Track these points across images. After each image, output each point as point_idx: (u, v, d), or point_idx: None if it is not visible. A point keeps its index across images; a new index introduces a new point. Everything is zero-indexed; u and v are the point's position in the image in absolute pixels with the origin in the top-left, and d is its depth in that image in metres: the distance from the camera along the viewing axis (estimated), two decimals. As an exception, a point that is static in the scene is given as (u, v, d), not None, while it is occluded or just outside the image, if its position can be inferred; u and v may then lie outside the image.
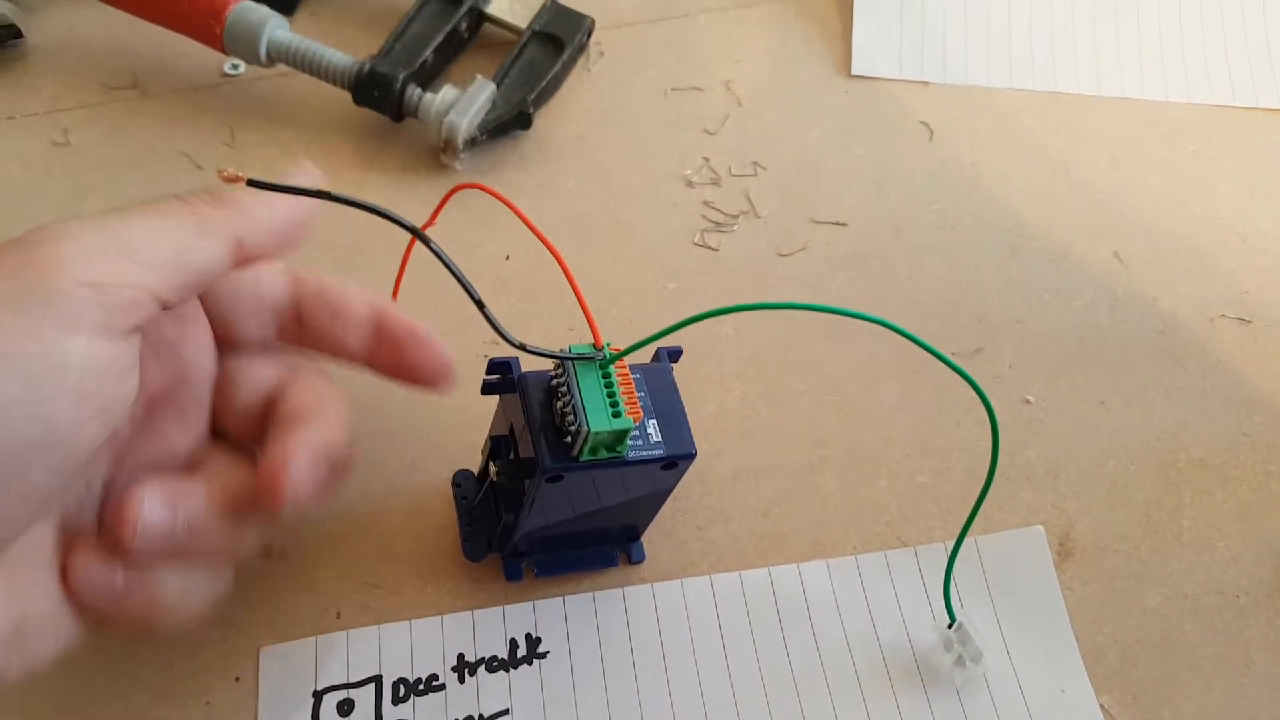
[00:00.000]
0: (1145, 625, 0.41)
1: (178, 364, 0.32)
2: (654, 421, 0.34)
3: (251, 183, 0.28)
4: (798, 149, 0.53)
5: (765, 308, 0.31)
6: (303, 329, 0.35)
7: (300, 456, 0.30)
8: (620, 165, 0.52)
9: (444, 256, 0.29)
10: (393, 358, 0.35)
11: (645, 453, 0.33)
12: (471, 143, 0.50)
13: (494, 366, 0.34)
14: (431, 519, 0.42)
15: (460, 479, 0.40)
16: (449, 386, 0.35)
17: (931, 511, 0.43)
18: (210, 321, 0.33)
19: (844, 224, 0.51)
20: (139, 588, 0.30)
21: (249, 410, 0.33)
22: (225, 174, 0.28)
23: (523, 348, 0.31)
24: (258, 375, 0.34)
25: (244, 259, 0.30)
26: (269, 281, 0.34)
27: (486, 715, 0.37)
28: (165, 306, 0.28)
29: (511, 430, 0.35)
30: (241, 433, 0.34)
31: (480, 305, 0.30)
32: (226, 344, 0.34)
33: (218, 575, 0.33)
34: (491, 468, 0.36)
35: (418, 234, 0.28)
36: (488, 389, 0.35)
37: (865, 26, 0.57)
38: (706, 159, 0.52)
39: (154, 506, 0.29)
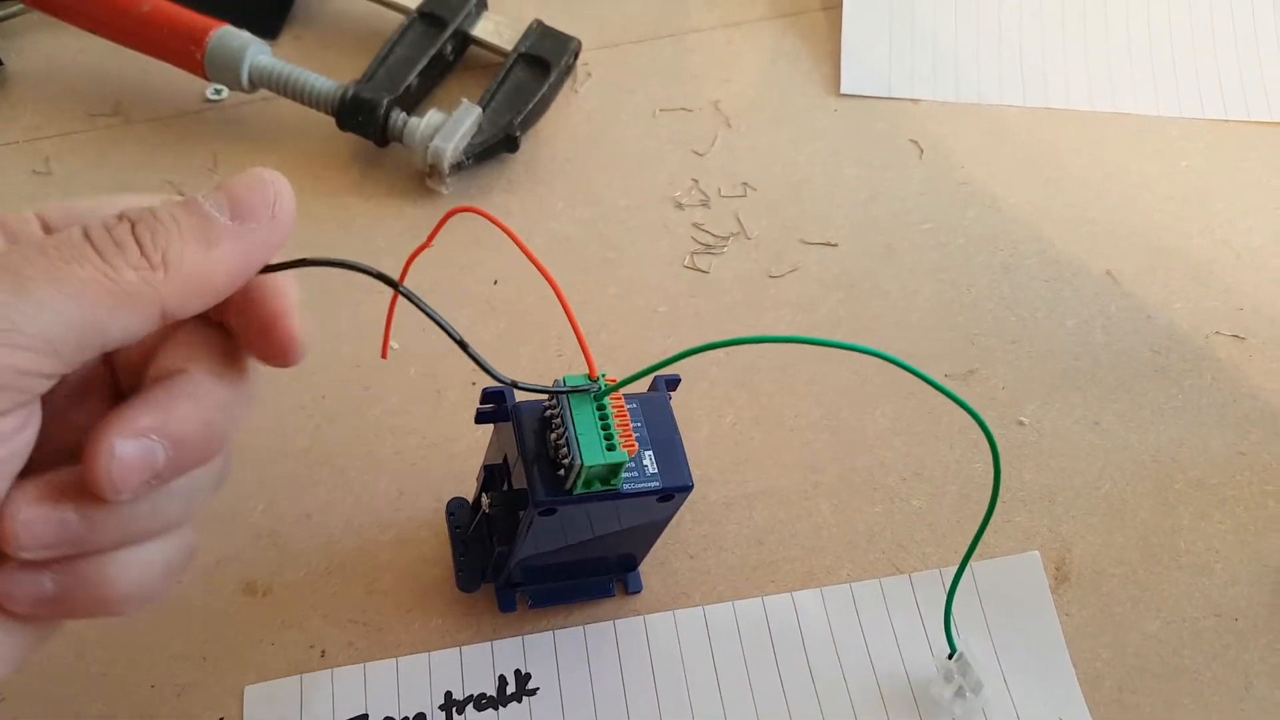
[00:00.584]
0: (1143, 650, 0.40)
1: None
2: (650, 453, 0.33)
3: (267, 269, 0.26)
4: (787, 169, 0.53)
5: (758, 341, 0.31)
6: None
7: (126, 443, 0.24)
8: (609, 187, 0.52)
9: (423, 305, 0.28)
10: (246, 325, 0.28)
11: (641, 485, 0.32)
12: (458, 167, 0.49)
13: (488, 396, 0.33)
14: (418, 551, 0.41)
15: (454, 507, 0.40)
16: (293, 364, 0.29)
17: (927, 537, 0.43)
18: None
19: (835, 244, 0.50)
20: (79, 581, 0.25)
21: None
22: None
23: (515, 385, 0.30)
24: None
25: (168, 322, 0.24)
26: None
27: (476, 754, 0.37)
28: (62, 375, 0.23)
29: (505, 460, 0.35)
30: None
31: (463, 346, 0.29)
32: None
33: (180, 539, 0.28)
34: (484, 500, 0.35)
35: (395, 286, 0.28)
36: (482, 418, 0.34)
37: (854, 45, 0.57)
38: (696, 180, 0.52)
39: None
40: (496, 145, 0.50)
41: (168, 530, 0.27)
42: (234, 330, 0.28)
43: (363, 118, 0.49)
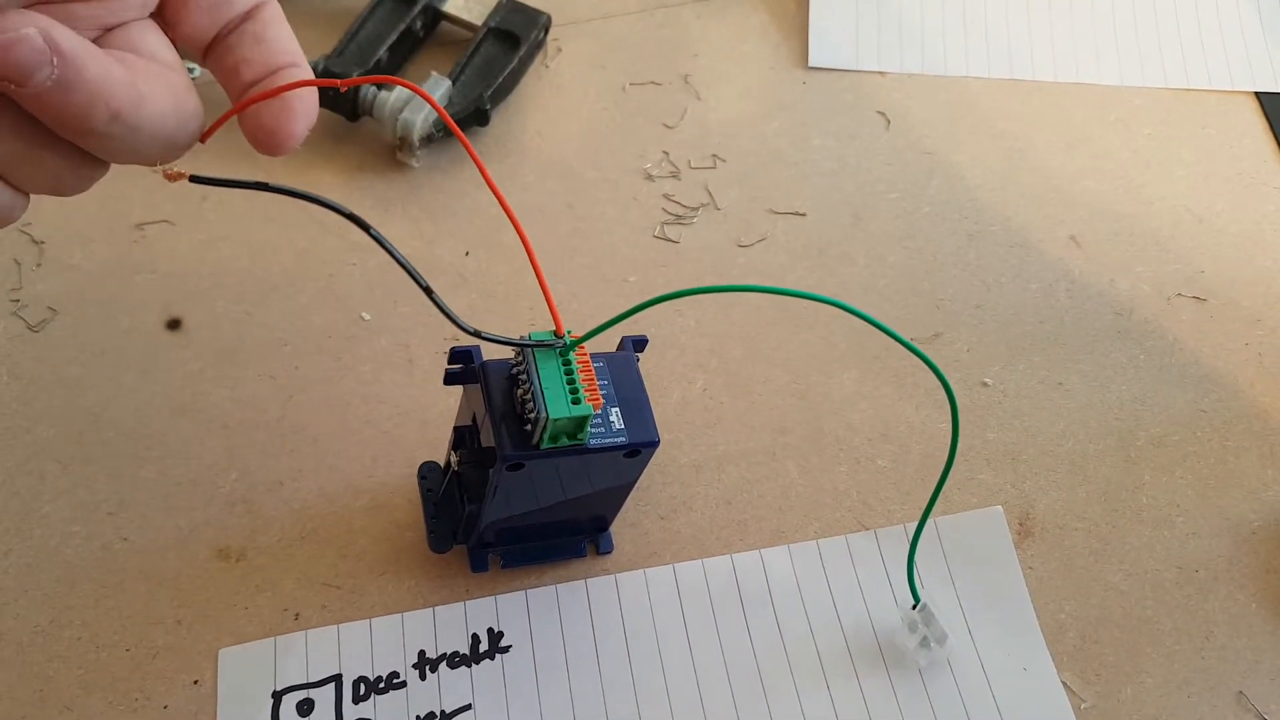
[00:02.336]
0: (1106, 602, 0.41)
1: None
2: (616, 409, 0.34)
3: (194, 179, 0.28)
4: (756, 141, 0.53)
5: (725, 290, 0.31)
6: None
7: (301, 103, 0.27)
8: (579, 160, 0.52)
9: (385, 242, 0.28)
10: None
11: (607, 440, 0.33)
12: (428, 140, 0.50)
13: (456, 355, 0.34)
14: (391, 516, 0.41)
15: (426, 470, 0.40)
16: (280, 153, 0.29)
17: (891, 495, 0.43)
18: None
19: (803, 214, 0.51)
20: None
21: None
22: (168, 172, 0.28)
23: (478, 334, 0.31)
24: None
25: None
26: None
27: (448, 711, 0.37)
28: None
29: (474, 420, 0.35)
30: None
31: (429, 292, 0.29)
32: None
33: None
34: (453, 457, 0.36)
35: (356, 220, 0.28)
36: (450, 379, 0.35)
37: (822, 18, 0.57)
38: (666, 153, 0.52)
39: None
40: (467, 119, 0.51)
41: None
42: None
43: (332, 92, 0.49)
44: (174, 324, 0.45)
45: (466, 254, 0.49)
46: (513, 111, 0.53)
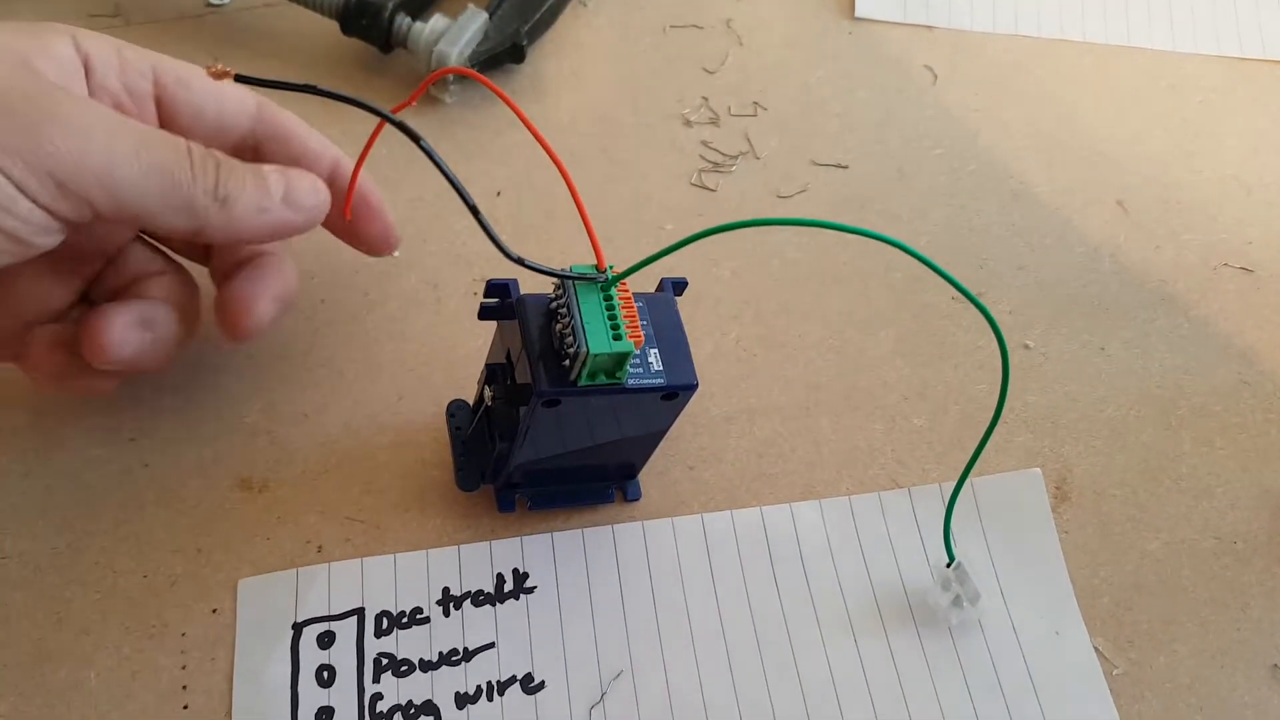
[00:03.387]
0: (1141, 569, 0.40)
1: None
2: (655, 350, 0.33)
3: (239, 78, 0.27)
4: (799, 90, 0.52)
5: (777, 223, 0.30)
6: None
7: (263, 302, 0.36)
8: (616, 103, 0.51)
9: (434, 155, 0.28)
10: (341, 219, 0.37)
11: (645, 381, 0.32)
12: (463, 75, 0.48)
13: (492, 288, 0.33)
14: (417, 454, 0.41)
15: (455, 409, 0.40)
16: (390, 252, 0.40)
17: (926, 455, 0.42)
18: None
19: (845, 166, 0.50)
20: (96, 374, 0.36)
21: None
22: (213, 69, 0.27)
23: (521, 262, 0.30)
24: None
25: (196, 239, 0.34)
26: (234, 108, 0.35)
27: (471, 648, 0.36)
28: (96, 220, 0.30)
29: (508, 356, 0.34)
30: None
31: (475, 212, 0.29)
32: None
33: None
34: (487, 392, 0.35)
35: (407, 130, 0.27)
36: (485, 313, 0.34)
37: (869, -32, 0.56)
38: (705, 99, 0.51)
39: (127, 329, 0.34)
40: (502, 55, 0.49)
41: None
42: (336, 229, 0.39)
43: (367, 21, 0.48)
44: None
45: (499, 194, 0.48)
46: (549, 50, 0.52)
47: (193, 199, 0.30)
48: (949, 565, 0.38)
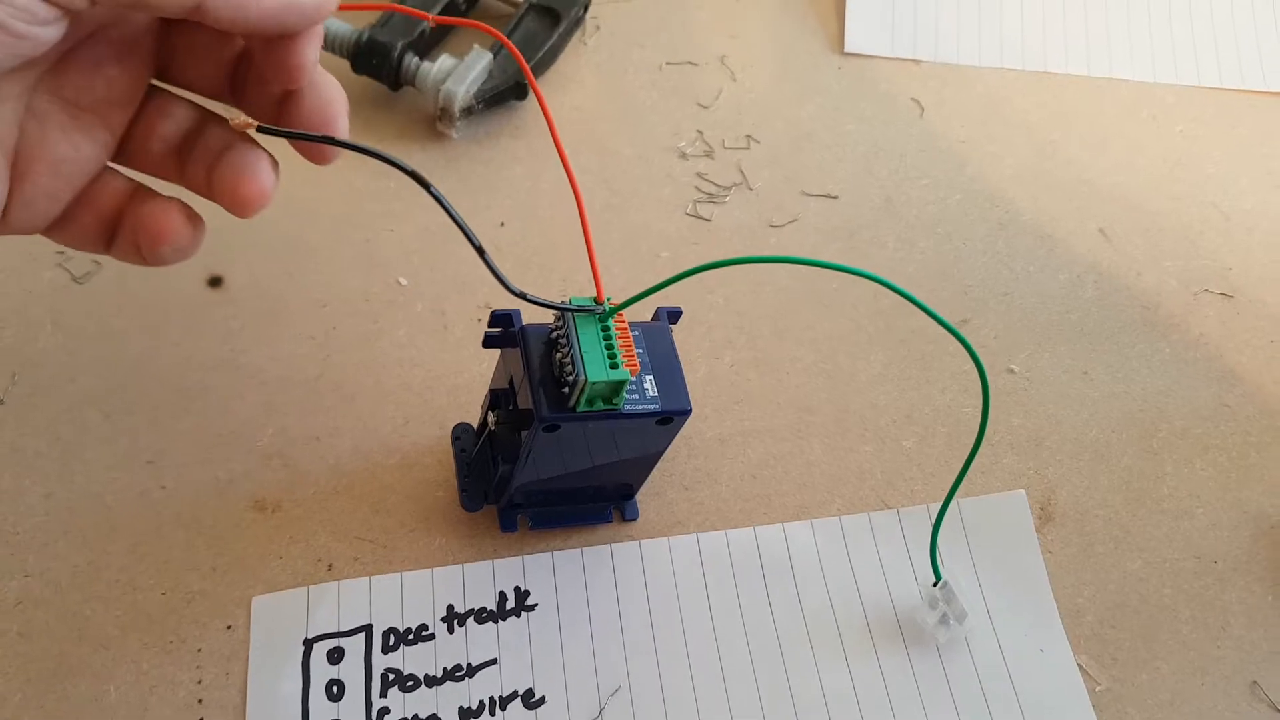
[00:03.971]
0: (1124, 588, 0.42)
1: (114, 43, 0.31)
2: (650, 377, 0.34)
3: (261, 128, 0.29)
4: (790, 123, 0.54)
5: (767, 261, 0.32)
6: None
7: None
8: (615, 137, 0.53)
9: (445, 202, 0.29)
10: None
11: (641, 406, 0.34)
12: (468, 111, 0.50)
13: (496, 319, 0.35)
14: (423, 475, 0.42)
15: (459, 431, 0.41)
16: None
17: (915, 476, 0.44)
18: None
19: (835, 196, 0.51)
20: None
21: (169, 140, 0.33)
22: (235, 122, 0.29)
23: (523, 296, 0.31)
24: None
25: (196, 17, 0.28)
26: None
27: (474, 664, 0.38)
28: (92, 4, 0.27)
29: (511, 383, 0.36)
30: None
31: (481, 252, 0.30)
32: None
33: None
34: (490, 417, 0.36)
35: (417, 178, 0.29)
36: (489, 342, 0.35)
37: (859, 5, 0.58)
38: (700, 132, 0.53)
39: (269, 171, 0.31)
40: (506, 92, 0.51)
41: None
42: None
43: (377, 61, 0.50)
44: (215, 281, 0.46)
45: (502, 225, 0.49)
46: (551, 87, 0.54)
47: None
48: (936, 584, 0.39)
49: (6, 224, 0.30)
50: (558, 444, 0.35)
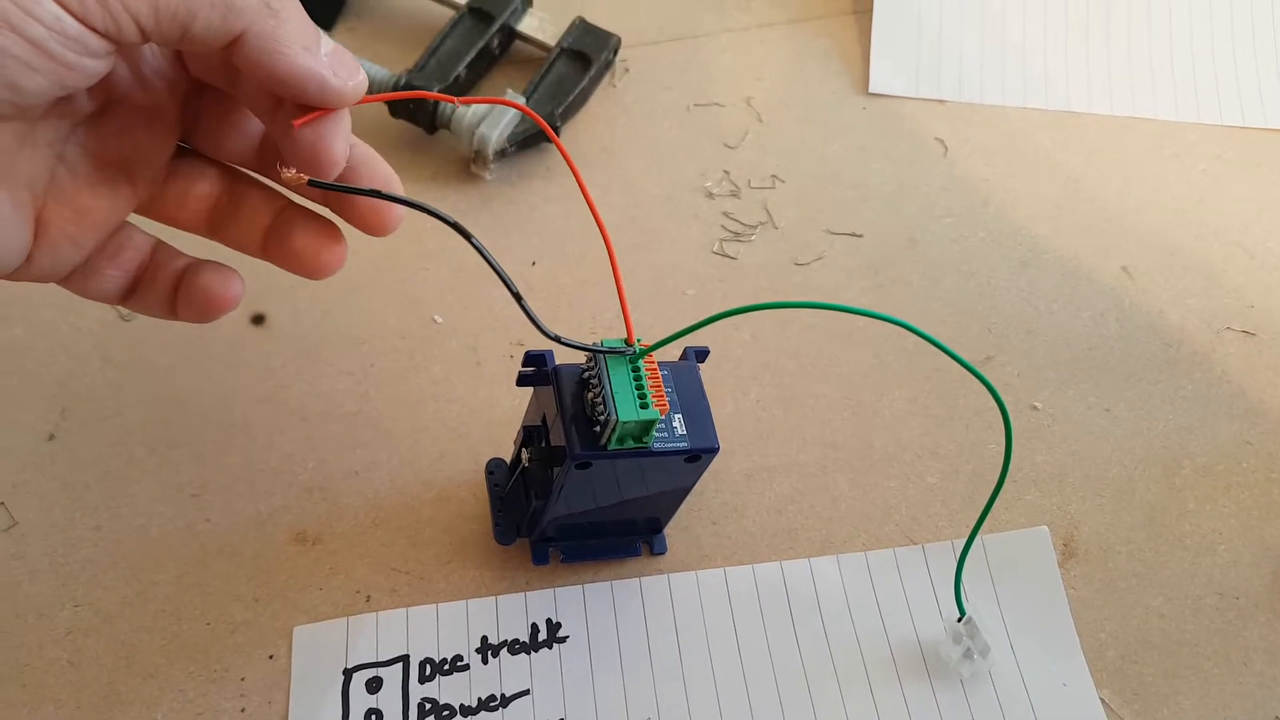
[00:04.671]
0: (1146, 624, 0.42)
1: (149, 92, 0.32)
2: (679, 416, 0.35)
3: (312, 183, 0.30)
4: (815, 163, 0.55)
5: (791, 306, 0.33)
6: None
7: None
8: (643, 177, 0.54)
9: (485, 252, 0.31)
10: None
11: (670, 445, 0.35)
12: (501, 154, 0.52)
13: (530, 359, 0.36)
14: (458, 508, 0.43)
15: (493, 467, 0.42)
16: (388, 229, 0.34)
17: (940, 512, 0.45)
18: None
19: (860, 235, 0.52)
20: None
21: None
22: (286, 174, 0.30)
23: (558, 339, 0.33)
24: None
25: (228, 55, 0.29)
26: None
27: (508, 695, 0.39)
28: (143, 40, 0.27)
29: (543, 420, 0.37)
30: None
31: (518, 298, 0.32)
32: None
33: None
34: (524, 454, 0.38)
35: (460, 230, 0.30)
36: (523, 380, 0.37)
37: (883, 46, 0.59)
38: (727, 172, 0.54)
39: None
40: (537, 135, 0.53)
41: None
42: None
43: (413, 105, 0.52)
44: (258, 319, 0.48)
45: (533, 264, 0.51)
46: (582, 128, 0.55)
47: None
48: (960, 619, 0.40)
49: (30, 269, 0.31)
50: (589, 480, 0.36)
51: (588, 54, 0.55)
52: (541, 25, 0.56)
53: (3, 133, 0.29)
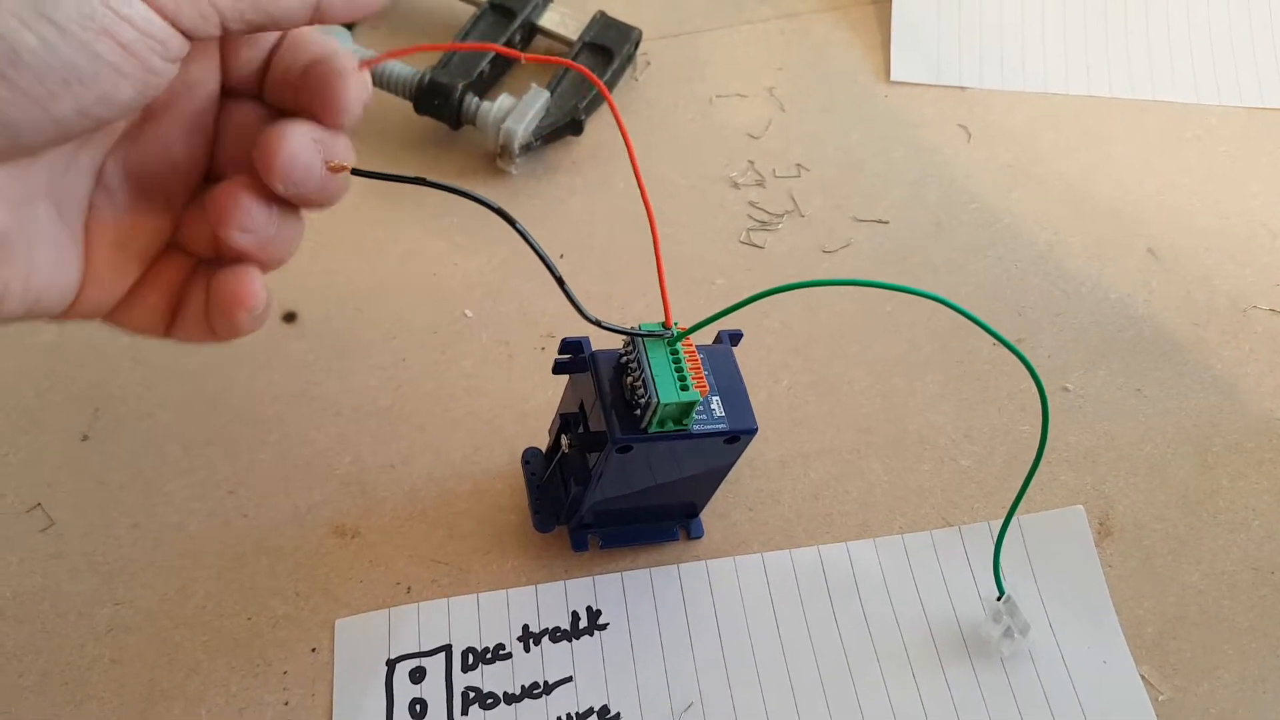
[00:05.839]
0: (1183, 600, 0.42)
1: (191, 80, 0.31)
2: (717, 398, 0.36)
3: (355, 171, 0.30)
4: (839, 151, 0.55)
5: (833, 284, 0.32)
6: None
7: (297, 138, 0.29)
8: (668, 169, 0.54)
9: (528, 236, 0.31)
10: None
11: (709, 426, 0.35)
12: (526, 148, 0.52)
13: (566, 346, 0.36)
14: (494, 500, 0.44)
15: (529, 456, 0.43)
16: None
17: (974, 494, 0.45)
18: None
19: (886, 222, 0.53)
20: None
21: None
22: (331, 164, 0.30)
23: (598, 323, 0.33)
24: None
25: (316, 19, 0.28)
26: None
27: (551, 682, 0.39)
28: (225, 31, 0.27)
29: (581, 407, 0.37)
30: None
31: (561, 282, 0.32)
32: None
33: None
34: (563, 440, 0.38)
35: (504, 215, 0.31)
36: (559, 368, 0.37)
37: (903, 35, 0.59)
38: (751, 162, 0.55)
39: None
40: (562, 128, 0.53)
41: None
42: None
43: (439, 102, 0.52)
44: (290, 317, 0.48)
45: (561, 256, 0.51)
46: (606, 122, 0.55)
47: None
48: (999, 599, 0.40)
49: (79, 305, 0.30)
50: (629, 464, 0.36)
51: (609, 48, 0.55)
52: (563, 20, 0.57)
53: (56, 156, 0.27)
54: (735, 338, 0.38)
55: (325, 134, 0.30)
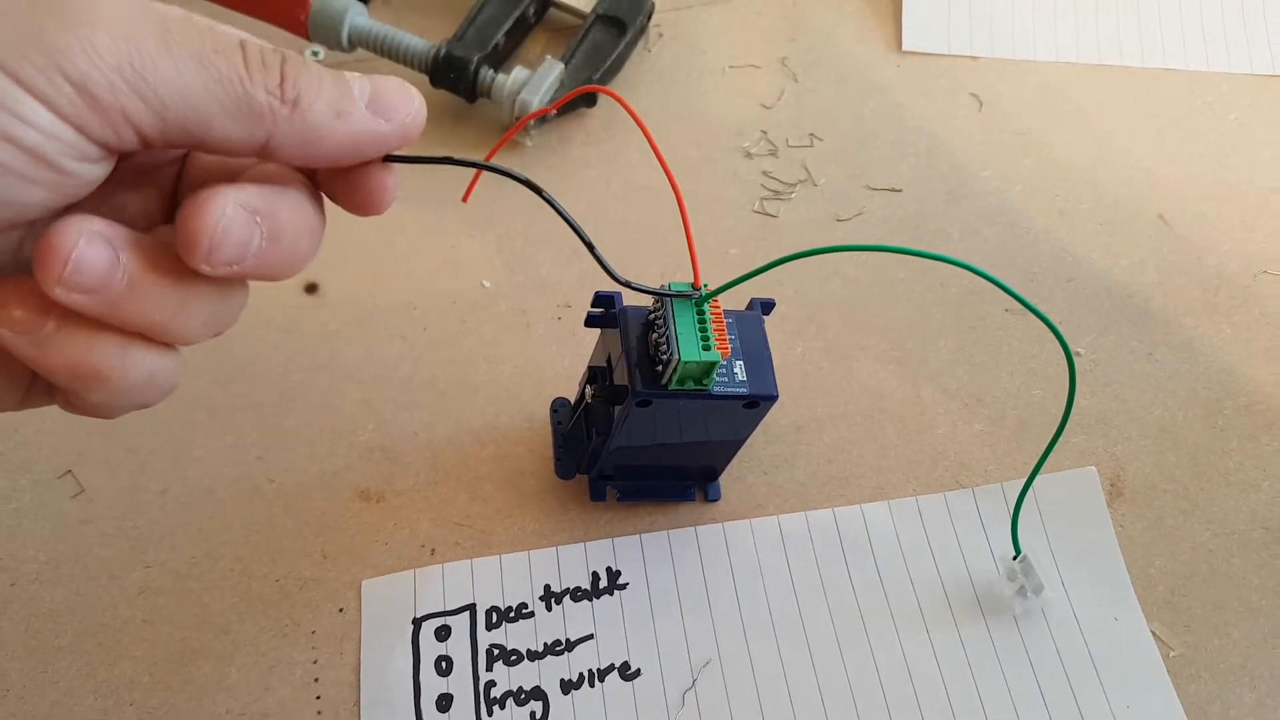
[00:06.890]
0: (1194, 559, 0.43)
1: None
2: (740, 362, 0.36)
3: (387, 157, 0.28)
4: (852, 121, 0.55)
5: (859, 249, 0.33)
6: None
7: (222, 206, 0.25)
8: (682, 139, 0.55)
9: (557, 205, 0.31)
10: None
11: (730, 389, 0.36)
12: (542, 120, 0.53)
13: (599, 299, 0.37)
14: (515, 465, 0.44)
15: (558, 405, 0.44)
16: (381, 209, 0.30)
17: (987, 456, 0.45)
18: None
19: (899, 190, 0.53)
20: (71, 345, 0.25)
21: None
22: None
23: (627, 284, 0.33)
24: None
25: (264, 157, 0.26)
26: None
27: (573, 639, 0.40)
28: (146, 147, 0.24)
29: (609, 360, 0.38)
30: None
31: (590, 246, 0.32)
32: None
33: (171, 362, 0.28)
34: (588, 390, 0.39)
35: (533, 186, 0.31)
36: (591, 320, 0.37)
37: (915, 5, 0.59)
38: (764, 132, 0.55)
39: (95, 244, 0.24)
40: (577, 100, 0.54)
41: (181, 338, 0.27)
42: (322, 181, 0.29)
43: (454, 75, 0.52)
44: (311, 288, 0.49)
45: (577, 227, 0.52)
46: (619, 93, 0.56)
47: (251, 99, 0.24)
48: (1015, 558, 0.41)
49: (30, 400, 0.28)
50: (649, 419, 0.37)
51: (622, 19, 0.56)
52: (576, -8, 0.57)
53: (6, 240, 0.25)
54: (767, 306, 0.39)
55: (271, 194, 0.26)
